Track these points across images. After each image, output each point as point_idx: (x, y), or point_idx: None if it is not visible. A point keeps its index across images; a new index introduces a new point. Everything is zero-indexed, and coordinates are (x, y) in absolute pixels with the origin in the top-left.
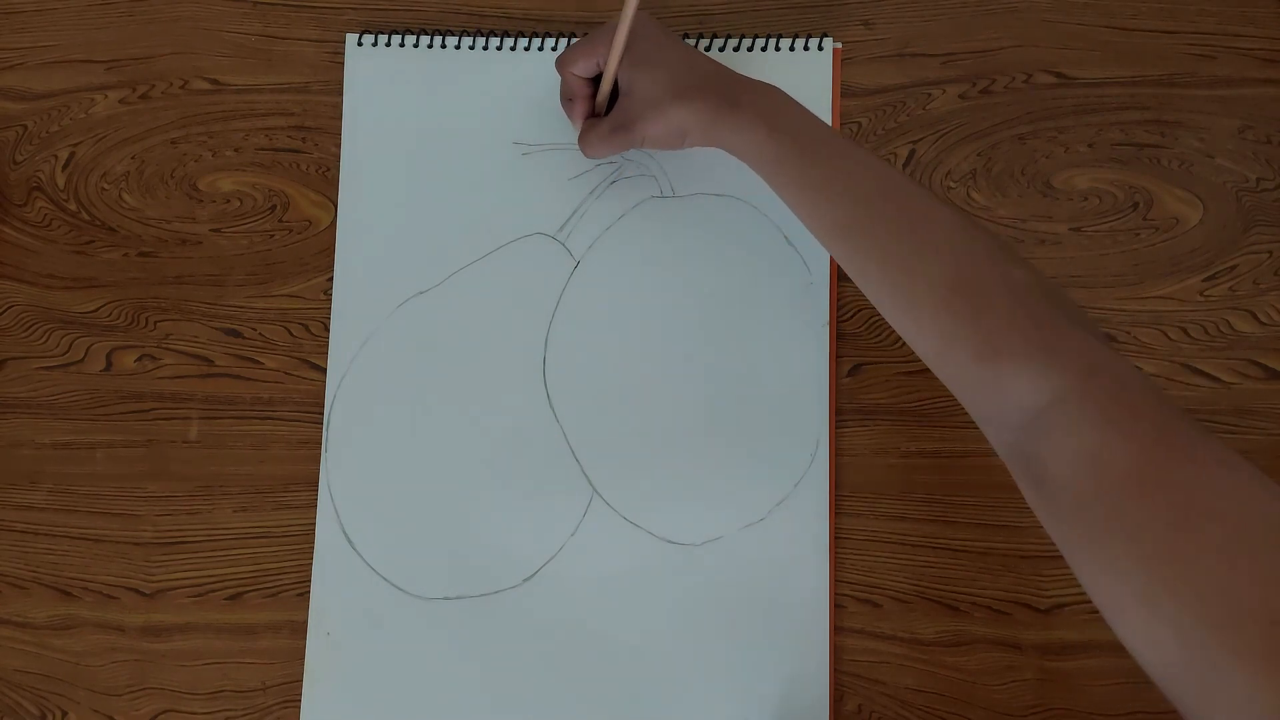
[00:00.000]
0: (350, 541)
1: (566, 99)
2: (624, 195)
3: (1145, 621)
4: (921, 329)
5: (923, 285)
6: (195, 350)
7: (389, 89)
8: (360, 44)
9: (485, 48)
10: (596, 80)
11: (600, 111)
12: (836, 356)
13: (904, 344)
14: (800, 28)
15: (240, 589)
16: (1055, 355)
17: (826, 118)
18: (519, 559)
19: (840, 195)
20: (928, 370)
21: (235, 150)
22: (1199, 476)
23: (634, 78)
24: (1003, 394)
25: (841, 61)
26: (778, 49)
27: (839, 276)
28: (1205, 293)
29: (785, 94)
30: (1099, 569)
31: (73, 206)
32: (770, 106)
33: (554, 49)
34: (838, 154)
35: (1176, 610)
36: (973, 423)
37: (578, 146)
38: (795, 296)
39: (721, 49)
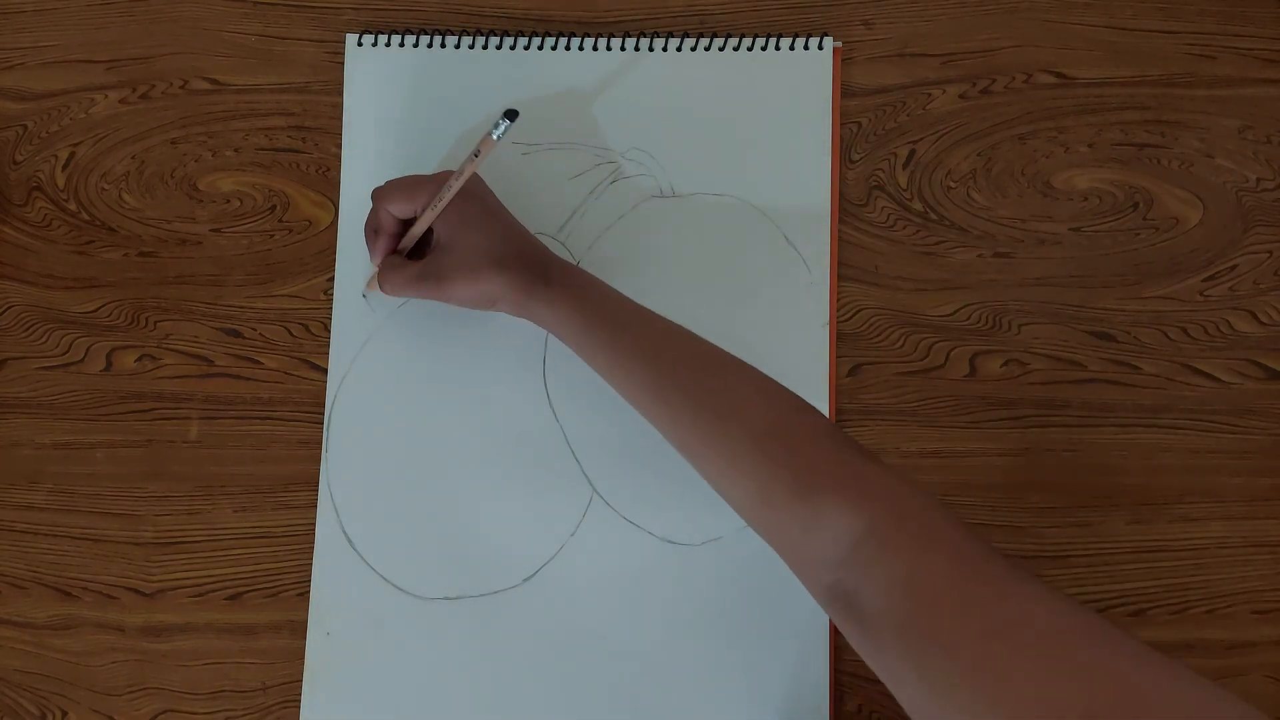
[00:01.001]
0: (350, 541)
1: (372, 230)
2: (624, 195)
3: None
4: (741, 473)
5: (738, 432)
6: (195, 350)
7: (389, 89)
8: (360, 44)
9: (485, 47)
10: (408, 223)
11: (403, 249)
12: (836, 356)
13: (904, 344)
14: (800, 28)
15: (240, 589)
16: (865, 485)
17: (826, 118)
18: (519, 559)
19: (650, 358)
20: (928, 370)
21: (235, 150)
22: (1002, 590)
23: (454, 237)
24: (822, 529)
25: (841, 61)
26: (778, 49)
27: (839, 277)
28: (1205, 293)
29: (590, 274)
30: (926, 692)
31: (73, 206)
32: (579, 282)
33: (554, 49)
34: (643, 322)
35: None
36: (973, 423)
37: (374, 285)
38: (795, 296)
39: (721, 49)
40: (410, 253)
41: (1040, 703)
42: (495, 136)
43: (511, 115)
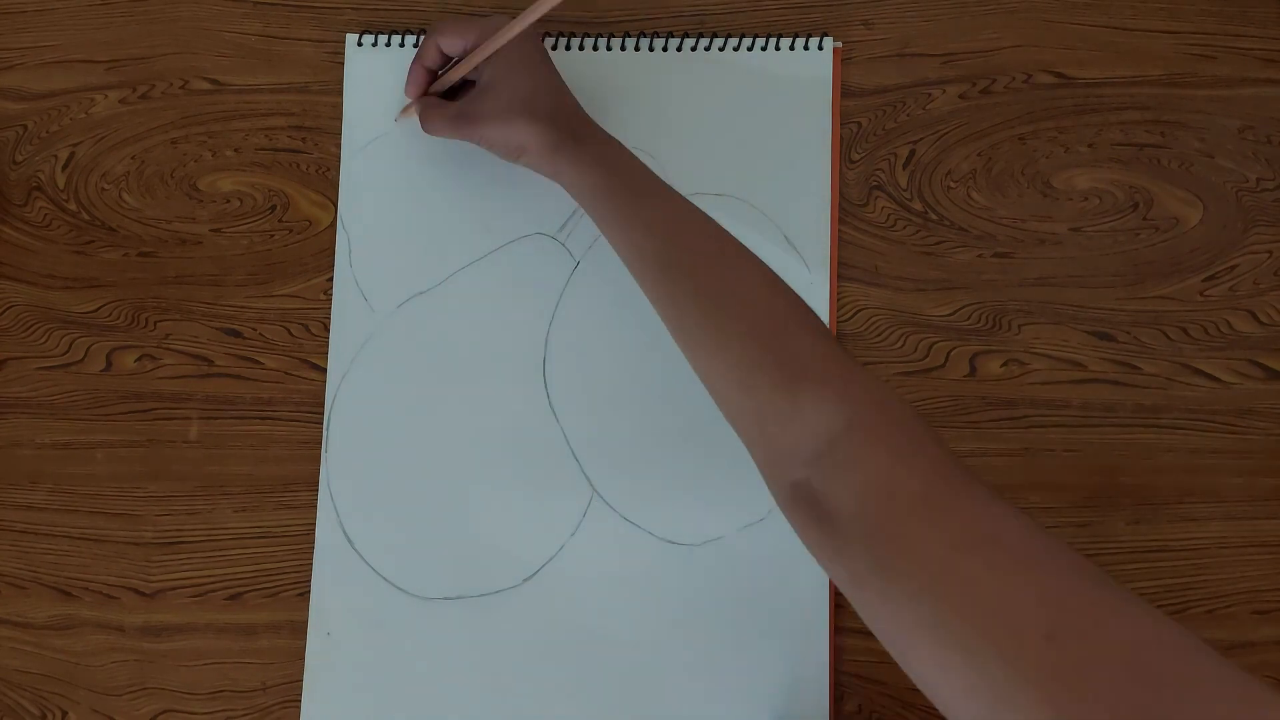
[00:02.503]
0: (350, 541)
1: (417, 62)
2: None
3: (936, 648)
4: (727, 358)
5: (733, 315)
6: (195, 350)
7: (389, 89)
8: (360, 44)
9: None
10: (447, 60)
11: (437, 90)
12: None
13: (904, 344)
14: (800, 28)
15: (240, 589)
16: (849, 385)
17: (826, 118)
18: (519, 559)
19: (664, 233)
20: (928, 370)
21: (235, 150)
22: (975, 506)
23: (496, 78)
24: (800, 422)
25: (841, 61)
26: (778, 49)
27: (839, 277)
28: (1205, 293)
29: (622, 144)
30: (887, 599)
31: (73, 206)
32: (610, 149)
33: (554, 49)
34: (664, 198)
35: (965, 631)
36: (973, 423)
37: (406, 114)
38: None
39: (721, 49)
40: (454, 95)
41: (1003, 618)
42: None
43: None
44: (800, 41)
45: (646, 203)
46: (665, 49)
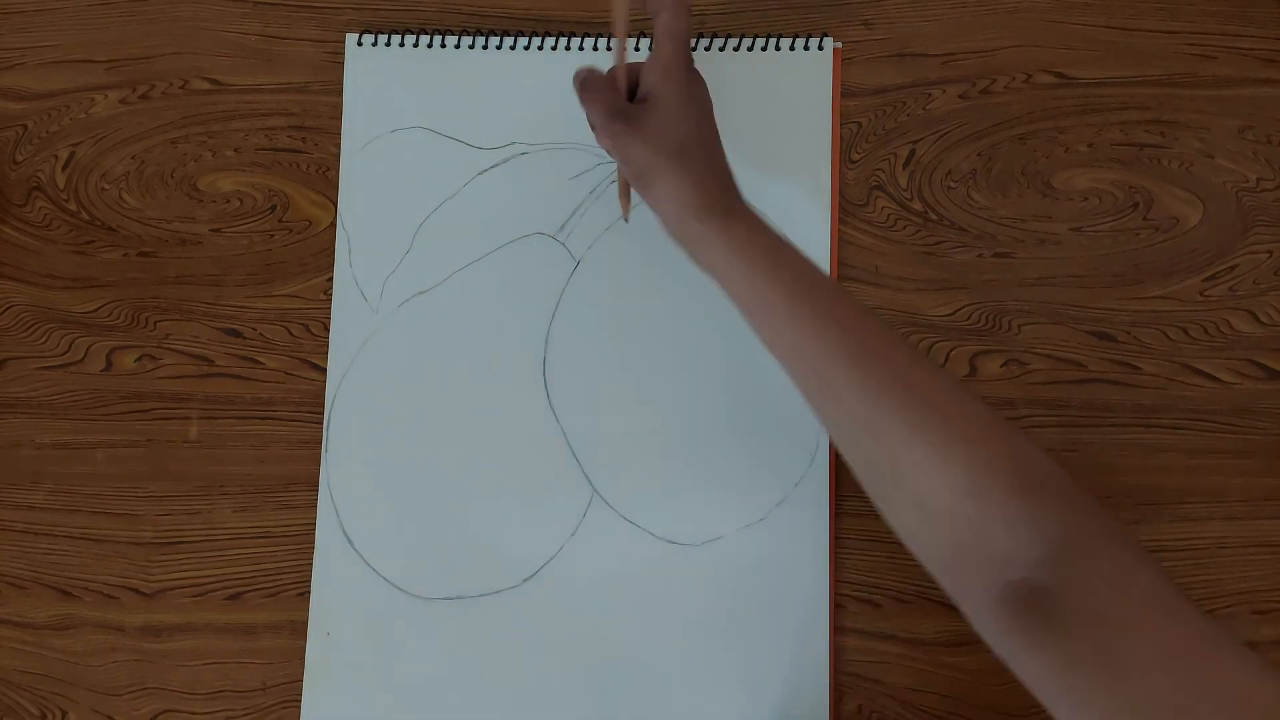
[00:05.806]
0: (350, 541)
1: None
2: None
3: None
4: (951, 463)
5: (956, 419)
6: (195, 350)
7: (389, 89)
8: (360, 44)
9: (485, 48)
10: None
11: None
12: None
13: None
14: (800, 28)
15: (240, 589)
16: (1075, 493)
17: (826, 118)
18: (519, 559)
19: (856, 326)
20: None
21: (235, 150)
22: (1200, 618)
23: (659, 106)
24: (1032, 525)
25: (841, 61)
26: (778, 49)
27: (839, 276)
28: (1205, 293)
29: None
30: (1115, 678)
31: (73, 206)
32: (766, 227)
33: (554, 49)
34: (838, 290)
35: None
36: None
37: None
38: None
39: (721, 49)
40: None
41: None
42: None
43: None
44: (800, 41)
45: (821, 292)
46: None
